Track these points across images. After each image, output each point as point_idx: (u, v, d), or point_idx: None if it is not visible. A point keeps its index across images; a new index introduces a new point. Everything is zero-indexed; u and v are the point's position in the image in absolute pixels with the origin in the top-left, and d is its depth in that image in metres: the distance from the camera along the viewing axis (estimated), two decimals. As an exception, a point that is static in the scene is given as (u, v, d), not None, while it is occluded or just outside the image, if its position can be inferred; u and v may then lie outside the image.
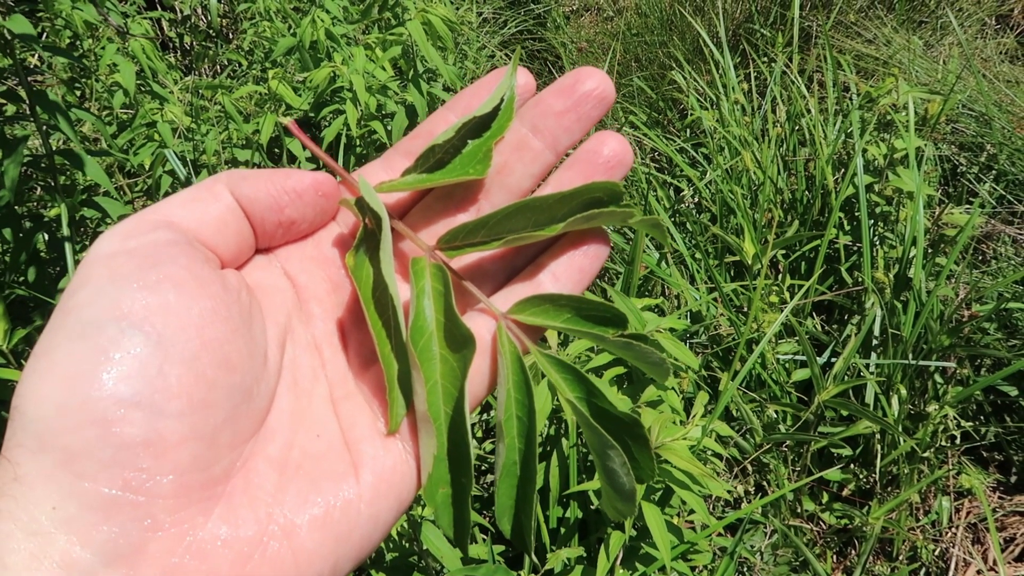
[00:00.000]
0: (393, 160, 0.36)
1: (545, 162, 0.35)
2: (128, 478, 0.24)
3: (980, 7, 2.81)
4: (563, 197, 0.33)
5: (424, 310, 0.32)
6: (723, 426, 1.13)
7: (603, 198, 0.33)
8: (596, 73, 0.34)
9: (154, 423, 0.25)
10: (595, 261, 0.35)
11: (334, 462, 0.29)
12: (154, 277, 0.27)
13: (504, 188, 0.35)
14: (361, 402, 0.32)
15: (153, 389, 0.25)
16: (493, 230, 0.33)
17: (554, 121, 0.35)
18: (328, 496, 0.28)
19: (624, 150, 0.35)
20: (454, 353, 0.31)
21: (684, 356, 1.04)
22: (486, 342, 0.33)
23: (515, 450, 0.31)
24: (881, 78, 2.28)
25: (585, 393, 0.32)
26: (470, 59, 2.80)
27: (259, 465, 0.28)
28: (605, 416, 0.32)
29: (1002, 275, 1.67)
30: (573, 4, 3.50)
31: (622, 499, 0.31)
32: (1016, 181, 1.90)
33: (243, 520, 0.26)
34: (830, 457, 1.47)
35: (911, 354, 1.43)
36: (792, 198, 1.83)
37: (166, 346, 0.26)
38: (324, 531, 0.27)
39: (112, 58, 1.67)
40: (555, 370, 0.33)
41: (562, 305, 0.33)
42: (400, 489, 0.30)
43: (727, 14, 2.70)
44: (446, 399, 0.31)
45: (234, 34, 2.78)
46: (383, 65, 1.67)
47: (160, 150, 1.58)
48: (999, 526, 1.44)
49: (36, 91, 1.08)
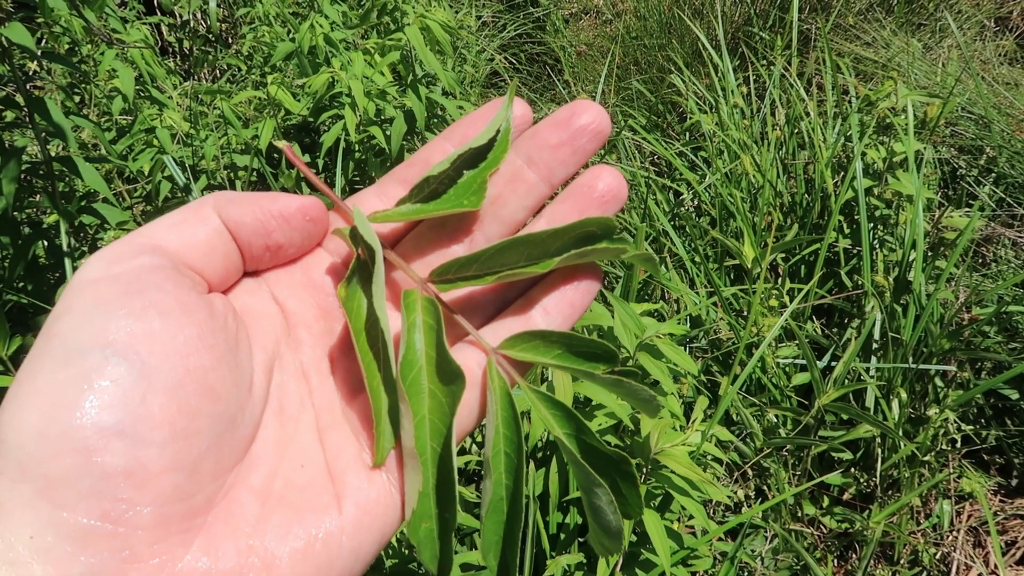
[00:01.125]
0: (388, 187, 0.36)
1: (539, 194, 0.35)
2: (107, 508, 0.24)
3: (979, 9, 2.81)
4: (556, 232, 0.33)
5: (415, 344, 0.32)
6: (723, 431, 1.13)
7: (597, 232, 0.33)
8: (592, 107, 0.34)
9: (136, 452, 0.25)
10: (586, 296, 0.35)
11: (318, 493, 0.29)
12: (139, 304, 0.27)
13: (498, 219, 0.35)
14: (348, 432, 0.31)
15: (136, 418, 0.25)
16: (486, 264, 0.33)
17: (549, 154, 0.34)
18: (310, 528, 0.28)
19: (619, 185, 0.35)
20: (443, 388, 0.31)
21: (683, 361, 1.03)
22: (475, 375, 0.33)
23: (502, 486, 0.31)
24: (880, 81, 2.28)
25: (574, 430, 0.32)
26: (469, 63, 2.80)
27: (242, 495, 0.28)
28: (593, 453, 0.32)
29: (1002, 278, 1.67)
30: (572, 7, 3.50)
31: (608, 536, 0.31)
32: (1016, 184, 1.90)
33: (223, 552, 0.26)
34: (830, 461, 1.47)
35: (911, 358, 1.43)
36: (792, 201, 1.83)
37: (150, 374, 0.26)
38: (305, 563, 0.27)
39: (111, 64, 1.67)
40: (544, 406, 0.33)
41: (553, 341, 0.33)
42: (383, 522, 0.30)
43: (726, 17, 2.70)
44: (433, 435, 0.31)
45: (233, 39, 2.79)
46: (382, 70, 1.67)
47: (159, 156, 1.58)
48: (1000, 529, 1.44)
49: (34, 98, 1.09)
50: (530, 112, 0.36)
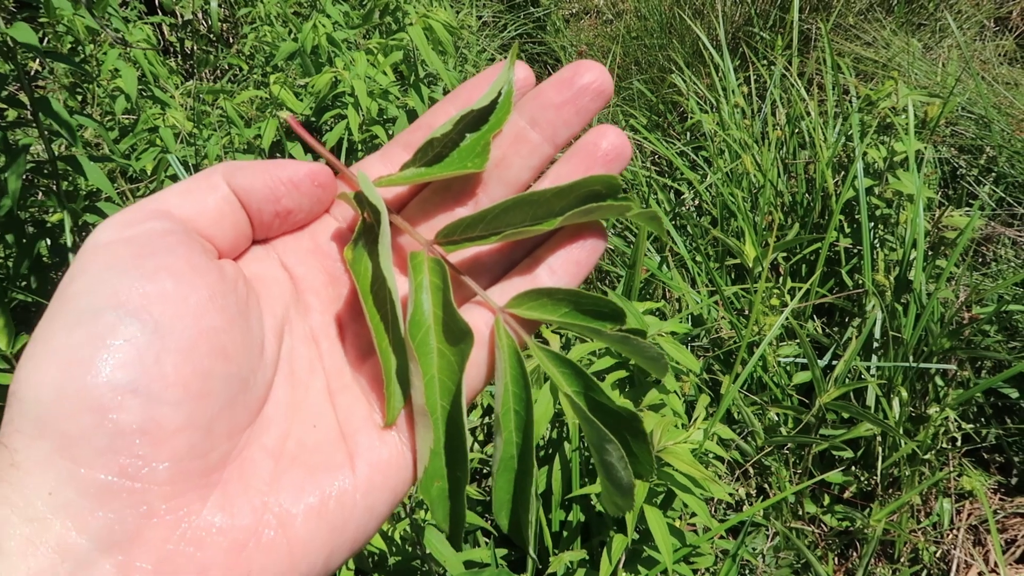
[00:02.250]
0: (392, 153, 0.37)
1: (543, 155, 0.35)
2: (124, 464, 0.24)
3: (979, 9, 2.82)
4: (561, 191, 0.33)
5: (422, 304, 0.32)
6: (725, 429, 1.14)
7: (601, 191, 0.33)
8: (595, 66, 0.34)
9: (151, 411, 0.25)
10: (592, 254, 0.35)
11: (330, 453, 0.30)
12: (151, 265, 0.27)
13: (502, 181, 0.35)
14: (358, 394, 0.32)
15: (150, 377, 0.25)
16: (491, 224, 0.33)
17: (553, 114, 0.34)
18: (324, 486, 0.28)
19: (623, 143, 0.35)
20: (452, 347, 0.31)
21: (686, 359, 1.04)
22: (483, 335, 0.33)
23: (512, 444, 0.31)
24: (880, 81, 2.29)
25: (583, 387, 0.32)
26: (470, 63, 2.80)
27: (255, 454, 0.28)
28: (603, 410, 0.32)
29: (1002, 277, 1.68)
30: (573, 7, 3.50)
31: (620, 494, 0.31)
32: (1016, 183, 1.90)
33: (239, 508, 0.27)
34: (831, 459, 1.48)
35: (912, 356, 1.43)
36: (792, 201, 1.83)
37: (163, 334, 0.26)
38: (319, 521, 0.28)
39: (114, 63, 1.68)
40: (553, 364, 0.33)
41: (559, 299, 0.33)
42: (396, 481, 0.30)
43: (726, 17, 2.71)
44: (443, 393, 0.31)
45: (235, 38, 2.79)
46: (384, 70, 1.68)
47: (162, 155, 1.58)
48: (1000, 528, 1.44)
49: (38, 97, 1.09)
50: (532, 75, 0.36)
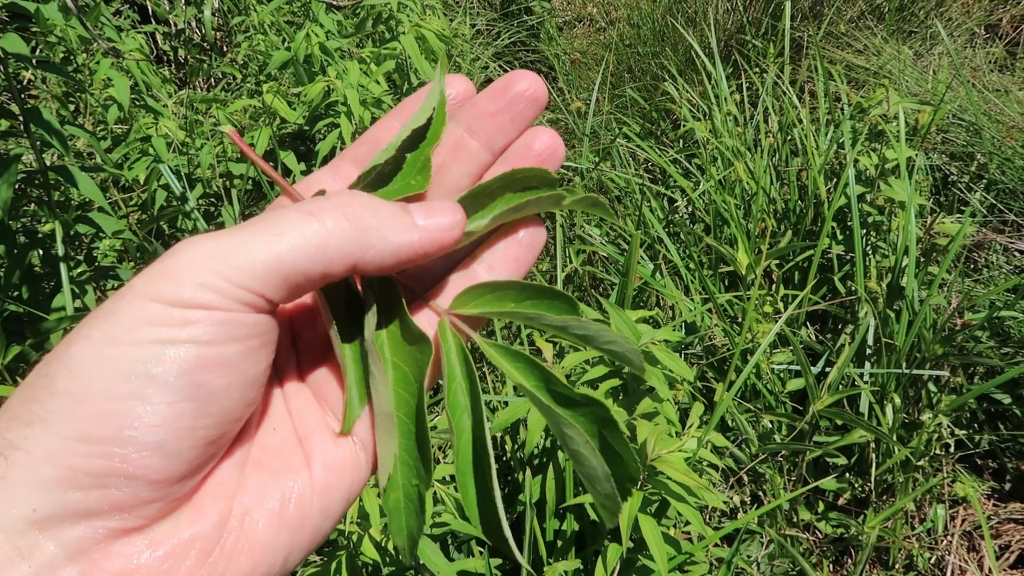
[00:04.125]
0: (341, 167, 0.37)
1: (482, 161, 0.36)
2: (118, 500, 0.25)
3: (969, 17, 2.84)
4: (490, 188, 0.33)
5: (378, 316, 0.33)
6: (719, 437, 1.14)
7: (534, 184, 0.33)
8: (528, 75, 0.36)
9: (171, 468, 0.26)
10: (530, 250, 0.36)
11: (289, 456, 0.30)
12: (218, 337, 0.27)
13: (443, 187, 0.36)
14: (310, 396, 0.33)
15: (181, 439, 0.26)
16: None
17: (488, 121, 0.36)
18: (284, 489, 0.29)
19: (556, 143, 0.36)
20: (409, 357, 0.32)
21: (679, 368, 1.04)
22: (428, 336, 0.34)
23: (469, 447, 0.31)
24: (872, 88, 2.30)
25: (542, 381, 0.32)
26: (464, 71, 2.81)
27: (223, 463, 0.29)
28: (564, 400, 0.31)
29: (994, 283, 1.68)
30: (566, 15, 3.52)
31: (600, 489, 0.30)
32: (1006, 190, 1.92)
33: (207, 518, 0.27)
34: (825, 466, 1.48)
35: (905, 363, 1.43)
36: (785, 208, 1.84)
37: (206, 405, 0.27)
38: (280, 523, 0.29)
39: (106, 73, 1.67)
40: (506, 360, 0.33)
41: (501, 292, 0.33)
42: (350, 481, 0.31)
43: (719, 25, 2.72)
44: (400, 403, 0.31)
45: (228, 47, 2.79)
46: (377, 79, 1.68)
47: (155, 165, 1.58)
48: (994, 533, 1.44)
49: (30, 108, 1.09)
50: (472, 87, 0.38)
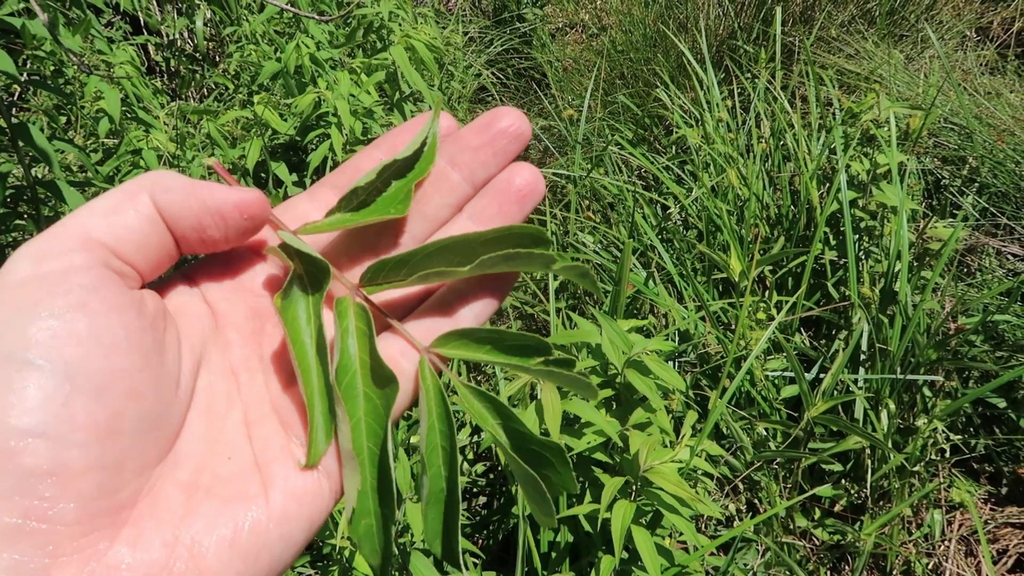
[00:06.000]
0: (319, 193, 0.38)
1: (462, 193, 0.37)
2: (29, 506, 0.25)
3: (960, 20, 2.85)
4: (486, 240, 0.34)
5: (348, 349, 0.33)
6: (713, 445, 1.13)
7: (527, 241, 0.34)
8: (512, 112, 0.36)
9: (58, 453, 0.25)
10: (488, 308, 0.37)
11: (244, 483, 0.30)
12: (64, 304, 0.27)
13: (422, 217, 0.37)
14: (276, 424, 0.32)
15: (58, 420, 0.25)
16: (414, 268, 0.35)
17: (471, 155, 0.37)
18: (237, 517, 0.29)
19: (536, 180, 0.37)
20: (378, 391, 0.32)
21: (671, 378, 1.04)
22: (398, 363, 0.35)
23: (441, 478, 0.33)
24: (863, 93, 2.31)
25: (503, 420, 0.34)
26: (457, 79, 2.81)
27: (168, 489, 0.29)
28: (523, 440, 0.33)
29: (987, 287, 1.68)
30: (558, 22, 3.53)
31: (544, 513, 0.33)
32: (998, 193, 1.92)
33: (150, 544, 0.27)
34: (821, 473, 1.47)
35: (899, 368, 1.43)
36: (778, 214, 1.84)
37: (73, 377, 0.26)
38: (232, 552, 0.28)
39: (97, 85, 1.67)
40: (475, 399, 0.34)
41: (481, 339, 0.34)
42: (312, 509, 0.31)
43: (710, 31, 2.73)
44: (370, 436, 0.32)
45: (221, 57, 2.79)
46: (368, 89, 1.68)
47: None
48: (992, 538, 1.44)
49: (17, 123, 1.08)
50: (455, 123, 0.38)
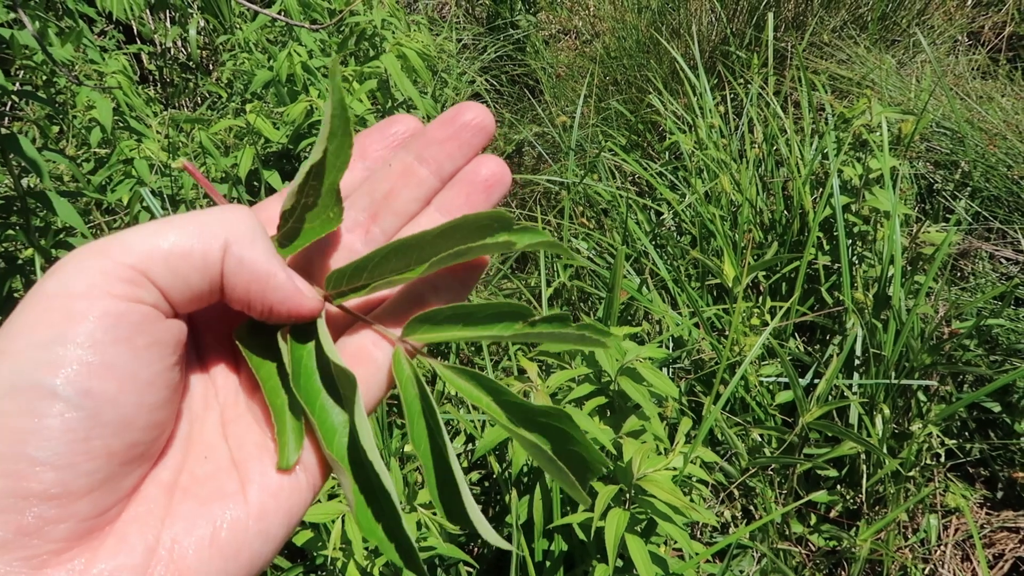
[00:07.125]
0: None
1: (430, 187, 0.38)
2: (23, 524, 0.25)
3: (951, 24, 2.86)
4: (439, 235, 0.34)
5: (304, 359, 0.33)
6: (707, 452, 1.13)
7: (488, 228, 0.34)
8: (475, 106, 0.37)
9: (66, 481, 0.25)
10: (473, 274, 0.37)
11: (222, 482, 0.30)
12: (108, 339, 0.27)
13: (392, 212, 0.38)
14: (250, 421, 0.33)
15: (74, 452, 0.26)
16: (374, 272, 0.35)
17: (437, 149, 0.37)
18: (215, 516, 0.29)
19: (502, 171, 0.38)
20: (343, 394, 0.32)
21: (664, 385, 1.03)
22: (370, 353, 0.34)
23: (431, 471, 0.33)
24: (855, 98, 2.31)
25: (495, 394, 0.33)
26: (450, 86, 2.81)
27: (150, 492, 0.29)
28: (522, 411, 0.33)
29: (980, 291, 1.69)
30: (552, 29, 3.53)
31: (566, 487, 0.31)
32: (991, 197, 1.92)
33: (131, 548, 0.27)
34: (816, 479, 1.47)
35: (893, 373, 1.43)
36: (772, 219, 1.84)
37: (100, 413, 0.26)
38: (211, 550, 0.28)
39: (89, 95, 1.67)
40: (461, 379, 0.34)
41: (452, 318, 0.34)
42: (290, 504, 0.31)
43: (703, 37, 2.74)
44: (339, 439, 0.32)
45: (214, 66, 2.79)
46: (360, 97, 1.67)
47: (137, 187, 1.57)
48: (988, 542, 1.44)
49: (6, 135, 1.08)
50: (420, 122, 0.39)
